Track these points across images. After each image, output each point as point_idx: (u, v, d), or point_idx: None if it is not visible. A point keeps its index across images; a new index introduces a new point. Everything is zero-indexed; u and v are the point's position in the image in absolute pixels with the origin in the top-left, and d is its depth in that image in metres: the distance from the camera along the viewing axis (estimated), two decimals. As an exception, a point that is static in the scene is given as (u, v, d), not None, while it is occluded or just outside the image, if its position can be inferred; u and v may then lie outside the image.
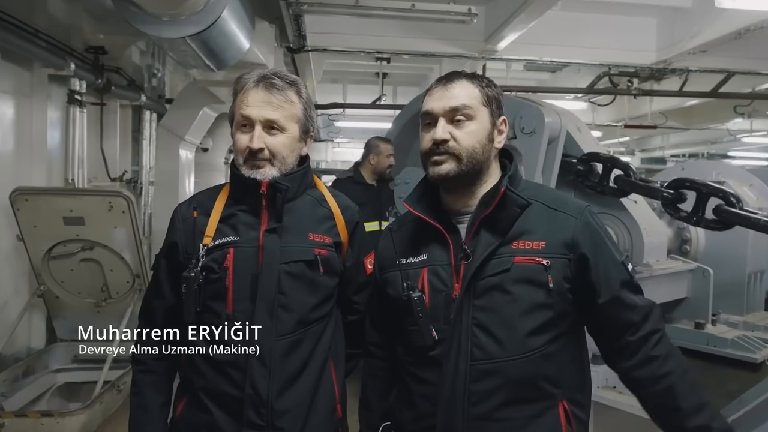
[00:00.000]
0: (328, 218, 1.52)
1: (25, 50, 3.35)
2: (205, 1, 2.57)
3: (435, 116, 1.31)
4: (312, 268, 1.44)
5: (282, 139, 1.42)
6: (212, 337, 1.40)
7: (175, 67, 5.96)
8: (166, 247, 1.50)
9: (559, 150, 2.83)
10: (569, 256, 1.27)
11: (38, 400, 3.51)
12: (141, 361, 1.51)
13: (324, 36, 4.88)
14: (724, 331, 3.46)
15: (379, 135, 3.97)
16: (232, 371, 1.38)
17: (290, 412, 1.39)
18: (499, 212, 1.28)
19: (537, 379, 1.24)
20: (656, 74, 5.87)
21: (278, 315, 1.39)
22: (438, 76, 1.45)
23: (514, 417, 1.24)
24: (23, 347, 3.68)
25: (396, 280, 1.35)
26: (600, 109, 7.83)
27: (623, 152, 13.43)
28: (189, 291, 1.37)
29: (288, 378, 1.39)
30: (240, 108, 1.41)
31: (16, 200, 3.20)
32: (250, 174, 1.41)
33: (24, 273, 3.66)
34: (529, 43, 4.94)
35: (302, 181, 1.51)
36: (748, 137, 10.16)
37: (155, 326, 1.50)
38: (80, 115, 3.94)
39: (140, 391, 1.50)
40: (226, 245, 1.41)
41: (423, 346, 1.28)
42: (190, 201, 1.53)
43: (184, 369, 1.48)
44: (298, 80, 1.47)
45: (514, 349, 1.23)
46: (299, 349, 1.41)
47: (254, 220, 1.44)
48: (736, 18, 4.16)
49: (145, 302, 1.56)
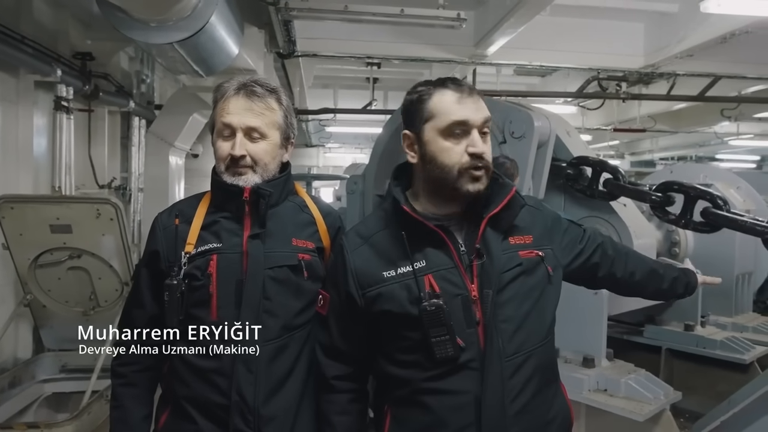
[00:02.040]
0: (310, 224, 1.52)
1: (11, 56, 3.32)
2: (192, 7, 2.56)
3: (471, 126, 1.26)
4: (296, 273, 1.43)
5: (263, 145, 1.43)
6: (197, 344, 1.38)
7: (165, 73, 5.93)
8: (146, 256, 1.49)
9: (548, 154, 2.84)
10: (551, 246, 1.40)
11: (25, 412, 3.45)
12: (121, 374, 1.48)
13: (314, 41, 4.88)
14: (713, 332, 3.49)
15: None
16: (218, 378, 1.36)
17: (277, 418, 1.38)
18: (505, 211, 1.31)
19: (551, 362, 1.38)
20: (644, 78, 5.93)
21: (263, 320, 1.38)
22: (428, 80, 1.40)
23: (542, 402, 1.32)
24: (9, 357, 3.62)
25: (395, 294, 1.27)
26: (589, 113, 7.88)
27: (613, 155, 13.53)
28: (171, 299, 1.36)
29: (274, 383, 1.39)
30: (221, 116, 1.42)
31: (1, 208, 3.15)
32: (232, 181, 1.41)
33: (10, 282, 3.60)
34: (519, 48, 4.97)
35: (284, 187, 1.51)
36: (735, 140, 10.27)
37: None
38: (67, 121, 3.91)
39: (121, 405, 1.47)
40: (208, 252, 1.40)
41: (448, 357, 1.22)
42: (171, 209, 1.53)
43: (167, 379, 1.46)
44: (278, 88, 1.48)
45: (538, 336, 1.32)
46: (285, 354, 1.41)
47: (237, 227, 1.43)
48: (721, 23, 4.21)
49: (125, 312, 1.54)
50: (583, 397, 2.67)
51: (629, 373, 2.75)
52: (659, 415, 2.67)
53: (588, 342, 2.78)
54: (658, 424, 2.69)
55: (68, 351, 3.72)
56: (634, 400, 2.63)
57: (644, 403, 2.61)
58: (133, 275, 1.56)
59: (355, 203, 3.72)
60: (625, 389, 2.68)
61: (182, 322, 1.38)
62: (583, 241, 1.51)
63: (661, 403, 2.65)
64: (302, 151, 13.69)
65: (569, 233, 1.49)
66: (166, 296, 1.37)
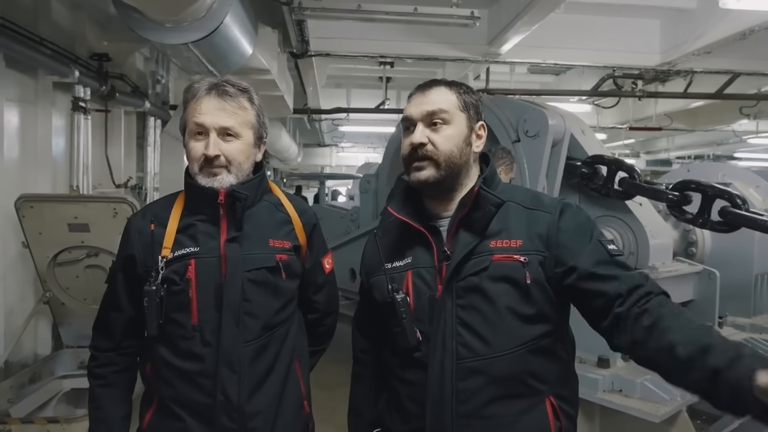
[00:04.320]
0: (286, 222, 1.54)
1: (30, 58, 3.37)
2: (207, 7, 2.58)
3: (413, 121, 1.35)
4: (274, 274, 1.46)
5: (237, 145, 1.43)
6: (179, 347, 1.40)
7: (179, 74, 5.98)
8: (121, 260, 1.49)
9: (563, 153, 2.82)
10: (545, 253, 1.28)
11: (45, 407, 3.51)
12: (99, 375, 1.49)
13: (327, 41, 4.88)
14: (732, 333, 3.43)
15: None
16: (201, 380, 1.39)
17: (261, 414, 1.42)
18: (474, 212, 1.31)
19: (523, 375, 1.27)
20: (661, 76, 5.84)
21: (244, 322, 1.41)
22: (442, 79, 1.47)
23: (503, 413, 1.26)
24: (29, 354, 3.69)
25: (381, 284, 1.38)
26: (604, 112, 7.80)
27: (628, 154, 13.39)
28: (151, 304, 1.37)
29: (256, 381, 1.42)
30: (193, 116, 1.41)
31: (21, 207, 3.21)
32: (206, 183, 1.41)
33: (29, 280, 3.67)
34: (533, 46, 4.92)
35: (259, 187, 1.52)
36: (754, 138, 10.10)
37: (113, 339, 1.50)
38: (85, 122, 3.95)
39: (100, 406, 1.48)
40: (186, 256, 1.41)
41: (407, 348, 1.31)
42: (143, 212, 1.54)
43: (150, 380, 1.47)
44: (249, 87, 1.49)
45: (498, 345, 1.26)
46: (266, 352, 1.44)
47: (213, 230, 1.44)
48: (740, 19, 4.14)
49: (100, 315, 1.54)
50: (597, 397, 2.65)
51: (645, 373, 2.72)
52: (675, 417, 2.64)
53: (603, 342, 2.75)
54: (674, 425, 2.66)
55: (86, 348, 3.77)
56: (649, 401, 2.60)
57: (660, 404, 2.59)
58: (107, 279, 1.57)
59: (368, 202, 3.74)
60: (640, 390, 2.65)
61: (162, 326, 1.39)
62: (602, 266, 1.24)
63: (678, 404, 2.62)
64: (315, 151, 13.73)
65: (577, 243, 1.27)
66: (146, 302, 1.37)
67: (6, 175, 3.39)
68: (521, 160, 2.74)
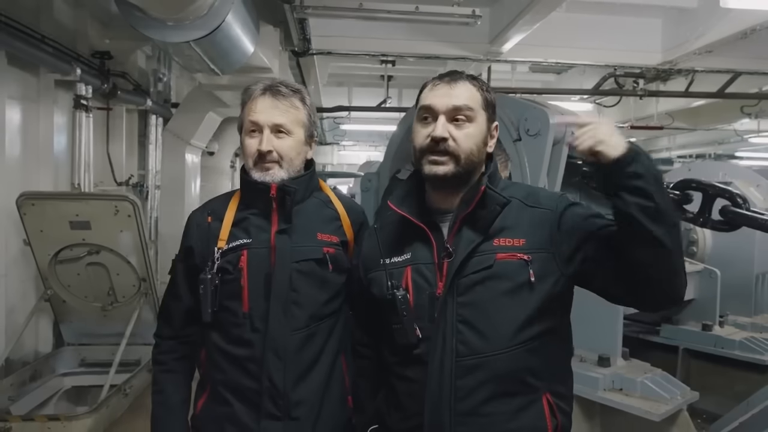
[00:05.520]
0: (334, 218, 1.60)
1: (32, 56, 3.38)
2: (209, 6, 2.58)
3: (436, 113, 1.32)
4: (321, 266, 1.51)
5: (289, 142, 1.51)
6: (230, 333, 1.47)
7: (181, 72, 5.98)
8: (182, 251, 1.59)
9: (564, 151, 2.82)
10: (551, 250, 1.28)
11: (45, 404, 3.52)
12: (161, 361, 1.59)
13: (329, 39, 4.88)
14: (732, 332, 3.44)
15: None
16: (250, 365, 1.45)
17: (305, 403, 1.46)
18: (479, 210, 1.30)
19: (521, 373, 1.27)
20: (662, 75, 5.83)
21: (291, 311, 1.47)
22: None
23: (500, 411, 1.26)
24: (30, 351, 3.70)
25: (380, 280, 1.37)
26: (606, 110, 7.79)
27: (629, 153, 13.34)
28: (206, 292, 1.45)
29: (302, 370, 1.47)
30: (249, 115, 1.50)
31: (22, 205, 3.22)
32: (260, 177, 1.49)
33: (31, 277, 3.68)
34: (534, 45, 4.92)
35: (309, 184, 1.59)
36: (755, 137, 10.08)
37: (173, 327, 1.59)
38: (86, 119, 3.96)
39: (161, 390, 1.58)
40: (239, 247, 1.49)
41: (407, 345, 1.31)
42: (204, 207, 1.63)
43: (204, 366, 1.56)
44: (302, 88, 1.57)
45: (499, 343, 1.25)
46: (312, 342, 1.49)
47: (265, 223, 1.52)
48: (742, 18, 4.13)
49: (163, 305, 1.64)
50: (598, 396, 2.65)
51: (645, 372, 2.73)
52: (676, 416, 2.64)
53: (603, 341, 2.76)
54: (674, 424, 2.66)
55: (87, 345, 3.80)
56: (650, 400, 2.60)
57: (660, 402, 2.59)
58: (170, 270, 1.65)
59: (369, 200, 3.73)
60: (641, 389, 2.65)
61: (216, 314, 1.47)
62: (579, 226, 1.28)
63: (678, 403, 2.62)
64: (317, 149, 13.66)
65: (568, 220, 1.30)
66: (201, 289, 1.46)
67: (8, 172, 3.40)
68: (522, 159, 2.74)
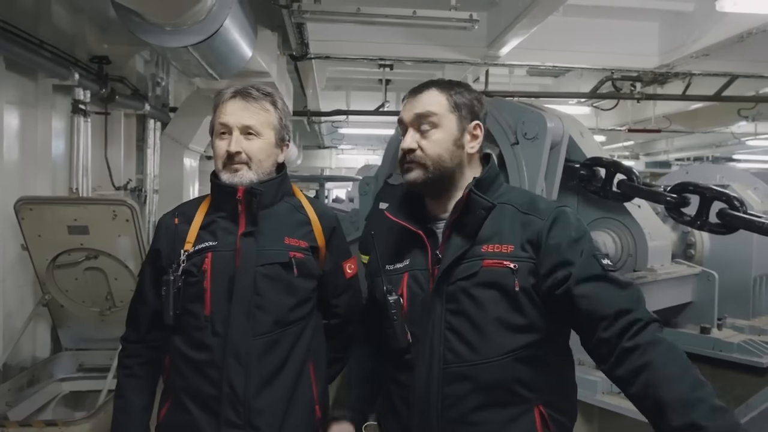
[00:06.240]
0: (304, 223, 1.59)
1: (30, 61, 3.38)
2: (207, 11, 2.59)
3: (405, 126, 1.36)
4: (287, 270, 1.49)
5: (258, 143, 1.51)
6: (191, 337, 1.45)
7: (179, 76, 5.98)
8: (150, 254, 1.58)
9: (561, 155, 2.82)
10: (535, 260, 1.25)
11: (43, 410, 3.50)
12: (125, 365, 1.58)
13: (327, 43, 4.89)
14: (730, 335, 3.43)
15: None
16: (210, 370, 1.43)
17: (267, 411, 1.43)
18: (466, 216, 1.30)
19: (510, 383, 1.24)
20: (659, 78, 5.85)
21: (255, 315, 1.44)
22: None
23: (489, 420, 1.25)
24: (28, 356, 3.69)
25: (380, 286, 1.39)
26: (603, 114, 7.81)
27: (627, 156, 13.40)
28: (168, 294, 1.44)
29: (265, 377, 1.44)
30: (219, 117, 1.51)
31: (20, 210, 3.21)
32: (228, 179, 1.48)
33: (29, 282, 3.67)
34: (532, 49, 4.94)
35: (279, 188, 1.58)
36: (752, 140, 10.11)
37: (139, 331, 1.57)
38: (84, 124, 3.96)
39: (123, 395, 1.56)
40: (204, 250, 1.48)
41: (398, 348, 1.31)
42: (174, 210, 1.62)
43: (167, 372, 1.53)
44: (273, 92, 1.57)
45: (486, 352, 1.24)
46: (277, 348, 1.46)
47: (232, 226, 1.51)
48: (738, 21, 4.15)
49: (130, 308, 1.63)
50: (596, 399, 2.65)
51: (644, 375, 2.72)
52: (675, 419, 2.64)
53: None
54: (673, 427, 2.65)
55: (85, 350, 3.78)
56: (648, 403, 2.59)
57: (659, 406, 2.58)
58: (138, 273, 1.66)
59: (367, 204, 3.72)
60: (639, 392, 2.65)
61: (179, 317, 1.45)
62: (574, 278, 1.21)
63: (677, 406, 2.61)
64: (315, 153, 13.73)
65: (556, 236, 1.24)
66: (164, 291, 1.45)
67: (5, 177, 3.39)
68: (520, 163, 2.74)
